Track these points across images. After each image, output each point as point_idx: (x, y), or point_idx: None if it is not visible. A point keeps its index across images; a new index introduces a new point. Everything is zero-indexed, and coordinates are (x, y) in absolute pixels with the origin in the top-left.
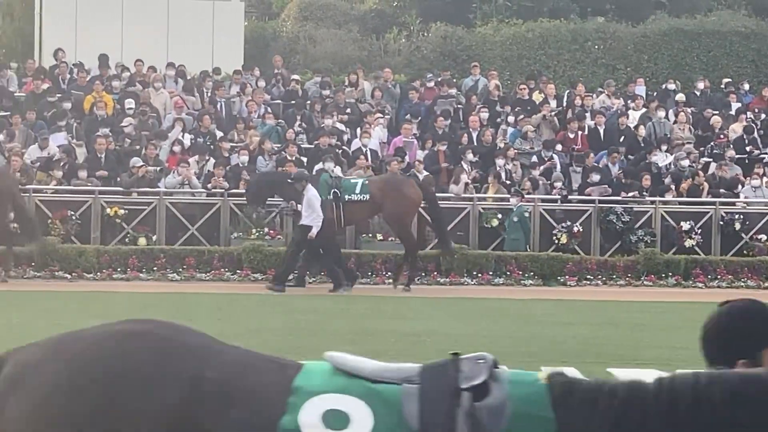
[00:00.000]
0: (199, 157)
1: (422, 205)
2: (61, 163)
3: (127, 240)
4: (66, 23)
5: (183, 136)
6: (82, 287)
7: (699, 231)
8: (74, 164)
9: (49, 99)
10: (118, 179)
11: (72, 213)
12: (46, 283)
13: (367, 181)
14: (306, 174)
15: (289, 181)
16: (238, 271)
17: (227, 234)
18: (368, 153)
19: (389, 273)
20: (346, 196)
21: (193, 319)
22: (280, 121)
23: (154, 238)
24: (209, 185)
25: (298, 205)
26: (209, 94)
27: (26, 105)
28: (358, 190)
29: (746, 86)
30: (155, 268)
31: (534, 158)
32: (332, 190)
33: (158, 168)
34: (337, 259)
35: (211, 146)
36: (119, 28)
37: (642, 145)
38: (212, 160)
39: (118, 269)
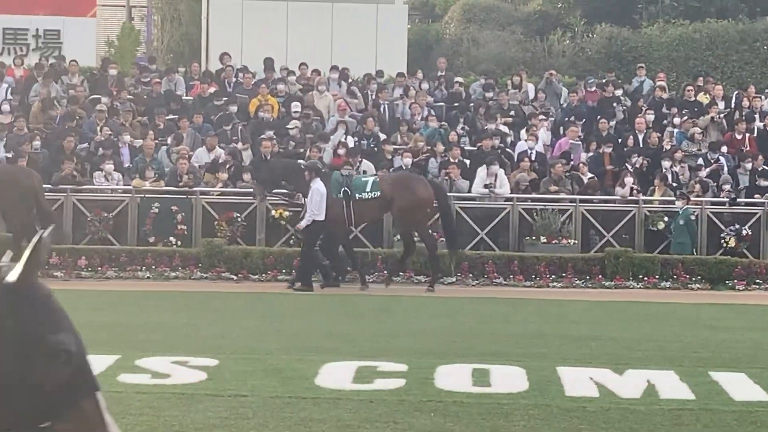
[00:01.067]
0: (352, 159)
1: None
2: (227, 166)
3: (291, 242)
4: (232, 28)
5: (346, 139)
6: (247, 288)
7: None
8: (240, 167)
9: (216, 102)
10: (283, 182)
11: (238, 215)
12: (212, 283)
13: (378, 179)
14: (318, 165)
15: (302, 168)
16: (400, 273)
17: (389, 236)
18: (533, 155)
19: (553, 276)
20: (357, 195)
21: (360, 319)
22: (443, 123)
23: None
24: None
25: (305, 199)
26: (373, 97)
27: (193, 108)
28: (368, 188)
29: None
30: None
31: (700, 160)
32: (342, 189)
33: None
34: (333, 257)
35: (375, 149)
36: (284, 32)
37: None
38: (366, 162)
39: (283, 271)
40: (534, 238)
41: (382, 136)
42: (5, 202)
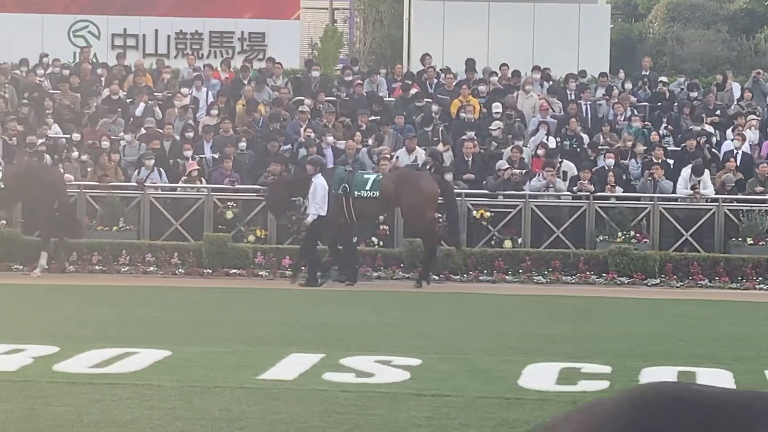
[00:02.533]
0: (553, 160)
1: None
2: (428, 167)
3: (493, 242)
4: (433, 29)
5: (548, 139)
6: (449, 288)
7: None
8: (441, 167)
9: (417, 104)
10: (484, 182)
11: (439, 215)
12: (414, 284)
13: (380, 177)
14: (320, 160)
15: (305, 166)
16: (603, 275)
17: (593, 237)
18: (739, 155)
19: (760, 278)
20: (356, 192)
21: (563, 320)
22: (646, 123)
23: (520, 240)
24: (575, 188)
25: (305, 201)
26: (572, 97)
27: (395, 110)
28: (368, 187)
29: None
30: (521, 271)
31: None
32: (343, 185)
33: (523, 171)
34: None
35: (577, 149)
36: (485, 33)
37: None
38: (567, 163)
39: (484, 271)
40: (740, 239)
41: (585, 137)
42: (29, 199)
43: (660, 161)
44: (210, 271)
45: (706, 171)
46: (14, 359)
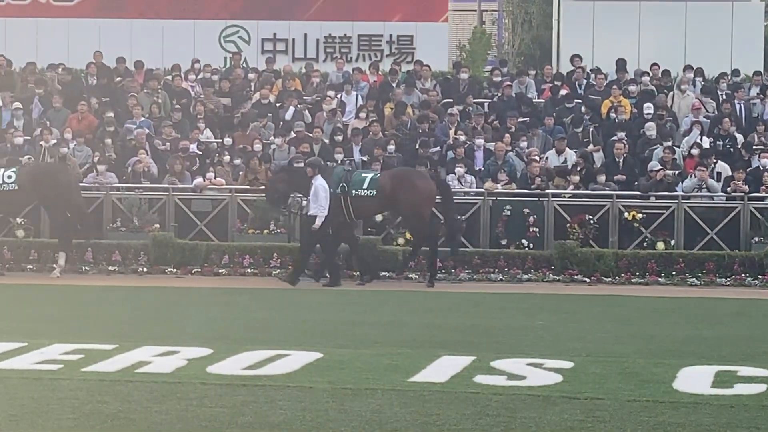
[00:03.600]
0: (706, 161)
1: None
2: (578, 168)
3: (645, 244)
4: (583, 29)
5: (701, 139)
6: (600, 291)
7: None
8: (591, 169)
9: (567, 105)
10: (636, 183)
11: (590, 217)
12: (564, 286)
13: (377, 176)
14: (318, 162)
15: (303, 166)
16: (759, 277)
17: (747, 238)
18: None
19: None
20: (353, 191)
21: (717, 323)
22: None
23: (673, 242)
24: (728, 189)
25: (304, 200)
26: (724, 97)
27: (544, 111)
28: (365, 186)
29: None
30: (674, 273)
31: None
32: (341, 184)
33: (676, 172)
34: (310, 252)
35: (731, 149)
36: (636, 33)
37: None
38: (722, 164)
39: (636, 273)
40: None
41: (738, 137)
42: (45, 199)
43: None
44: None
45: None
46: (169, 361)
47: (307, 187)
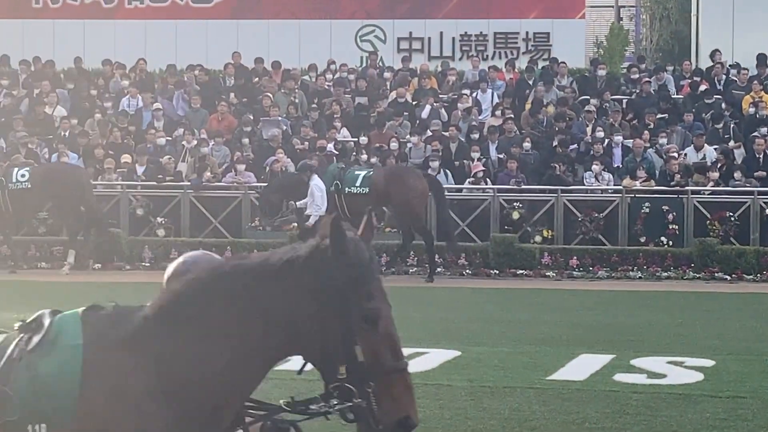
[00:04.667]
0: None
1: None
2: (719, 165)
3: None
4: (722, 24)
5: None
6: (742, 289)
7: None
8: (732, 165)
9: (707, 101)
10: (286, 201)
11: (730, 214)
12: (705, 284)
13: (371, 174)
14: (310, 165)
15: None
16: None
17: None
18: None
19: None
20: (347, 189)
21: None
22: None
23: None
24: None
25: (297, 204)
26: None
27: (684, 107)
28: (358, 183)
29: None
30: None
31: None
32: (335, 182)
33: None
34: None
35: None
36: None
37: None
38: None
39: None
40: None
41: None
42: (57, 198)
43: None
44: (497, 271)
45: None
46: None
47: (300, 193)
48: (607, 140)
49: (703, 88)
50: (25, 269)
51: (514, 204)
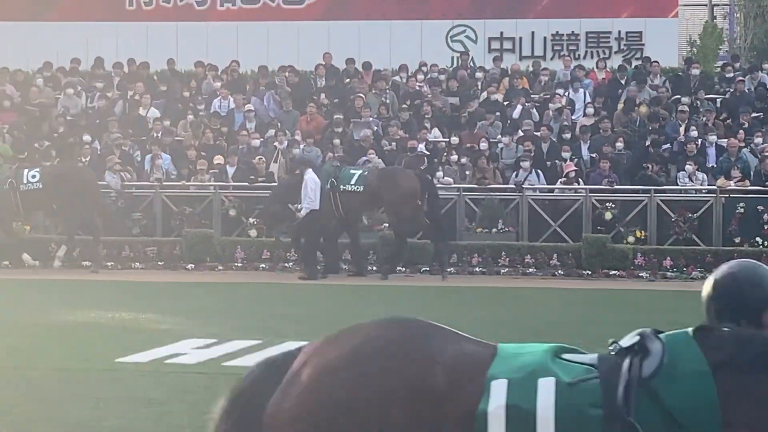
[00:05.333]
0: None
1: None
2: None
3: None
4: None
5: None
6: None
7: None
8: None
9: None
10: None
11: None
12: None
13: (365, 173)
14: (306, 159)
15: (291, 176)
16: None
17: None
18: None
19: None
20: (342, 187)
21: None
22: None
23: None
24: None
25: (299, 206)
26: None
27: None
28: (353, 181)
29: None
30: None
31: None
32: (330, 180)
33: None
34: (320, 247)
35: None
36: None
37: None
38: None
39: None
40: None
41: None
42: (67, 197)
43: None
44: (589, 272)
45: None
46: None
47: (299, 193)
48: (700, 140)
49: None
50: (110, 269)
51: (607, 204)
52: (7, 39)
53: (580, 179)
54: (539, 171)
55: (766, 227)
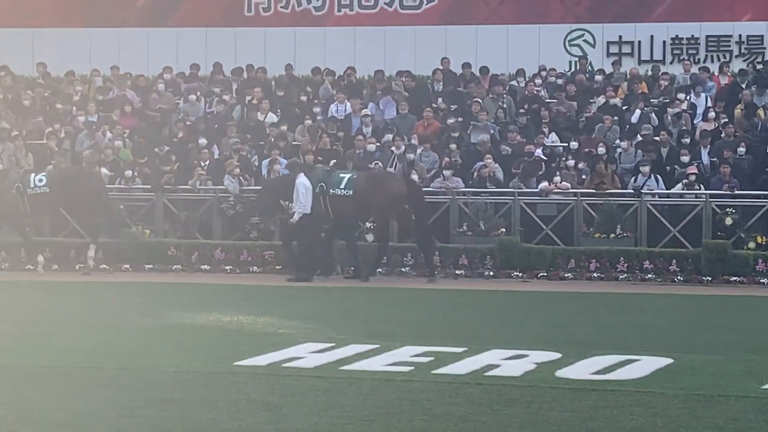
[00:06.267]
0: None
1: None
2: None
3: None
4: None
5: None
6: None
7: None
8: None
9: None
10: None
11: None
12: None
13: (355, 177)
14: (298, 163)
15: (286, 175)
16: None
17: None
18: None
19: None
20: (331, 190)
21: None
22: None
23: None
24: None
25: (290, 204)
26: None
27: None
28: (342, 185)
29: None
30: None
31: None
32: (320, 183)
33: None
34: (311, 249)
35: None
36: None
37: None
38: None
39: None
40: None
41: None
42: (74, 201)
43: None
44: (709, 278)
45: None
46: (518, 365)
47: (291, 194)
48: None
49: None
50: (228, 272)
51: (727, 209)
52: (129, 45)
53: (700, 184)
54: (658, 176)
55: None
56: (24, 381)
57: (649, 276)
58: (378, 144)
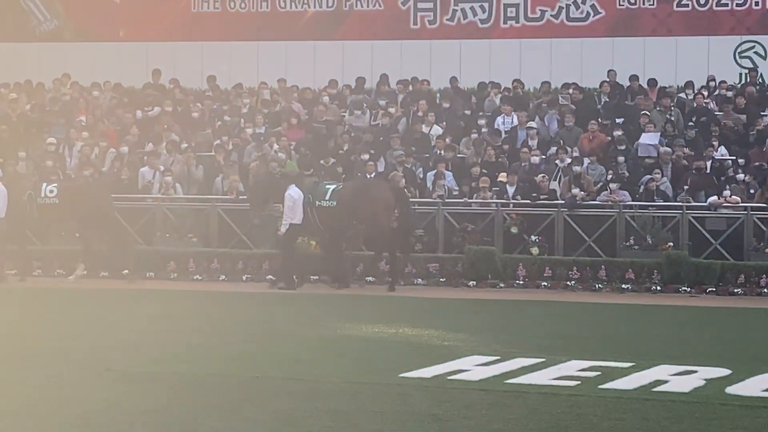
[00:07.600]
0: None
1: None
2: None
3: None
4: None
5: None
6: None
7: None
8: None
9: None
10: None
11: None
12: None
13: (339, 188)
14: (291, 173)
15: (276, 177)
16: None
17: None
18: None
19: None
20: (317, 202)
21: None
22: None
23: None
24: None
25: (280, 207)
26: None
27: None
28: (327, 197)
29: None
30: None
31: None
32: (307, 195)
33: None
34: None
35: None
36: None
37: None
38: None
39: None
40: None
41: None
42: (84, 212)
43: None
44: None
45: None
46: (687, 380)
47: (279, 196)
48: None
49: None
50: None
51: None
52: (296, 57)
53: None
54: None
55: None
56: (184, 388)
57: (738, 290)
58: (543, 156)
